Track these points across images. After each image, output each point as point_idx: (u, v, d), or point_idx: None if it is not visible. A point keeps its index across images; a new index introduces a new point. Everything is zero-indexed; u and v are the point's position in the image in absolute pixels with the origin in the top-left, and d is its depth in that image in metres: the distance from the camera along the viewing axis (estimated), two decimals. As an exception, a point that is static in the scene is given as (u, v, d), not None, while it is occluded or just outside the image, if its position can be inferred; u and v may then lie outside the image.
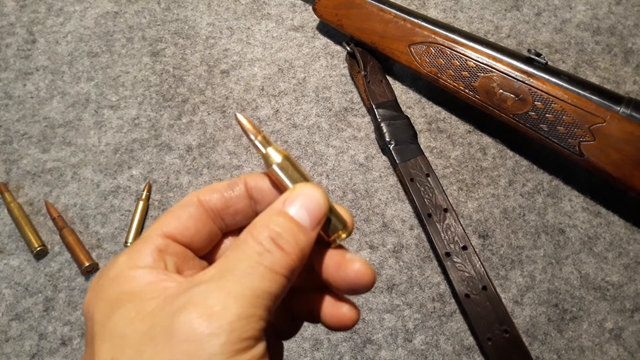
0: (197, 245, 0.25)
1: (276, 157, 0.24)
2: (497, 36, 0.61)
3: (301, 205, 0.23)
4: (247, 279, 0.20)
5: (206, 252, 0.26)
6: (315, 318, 0.26)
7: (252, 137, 0.24)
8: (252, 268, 0.21)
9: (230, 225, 0.26)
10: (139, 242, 0.24)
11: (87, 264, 0.50)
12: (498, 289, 0.49)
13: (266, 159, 0.24)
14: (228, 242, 0.27)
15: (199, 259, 0.25)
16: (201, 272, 0.22)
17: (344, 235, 0.25)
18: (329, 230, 0.24)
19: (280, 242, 0.21)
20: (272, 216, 0.22)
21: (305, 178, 0.24)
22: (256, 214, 0.25)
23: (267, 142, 0.24)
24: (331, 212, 0.24)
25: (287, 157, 0.24)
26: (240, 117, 0.24)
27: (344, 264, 0.24)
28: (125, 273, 0.22)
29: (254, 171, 0.55)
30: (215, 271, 0.21)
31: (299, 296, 0.27)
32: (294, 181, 0.24)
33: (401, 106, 0.56)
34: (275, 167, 0.24)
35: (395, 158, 0.52)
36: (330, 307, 0.26)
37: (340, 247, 0.25)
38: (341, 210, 0.25)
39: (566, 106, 0.47)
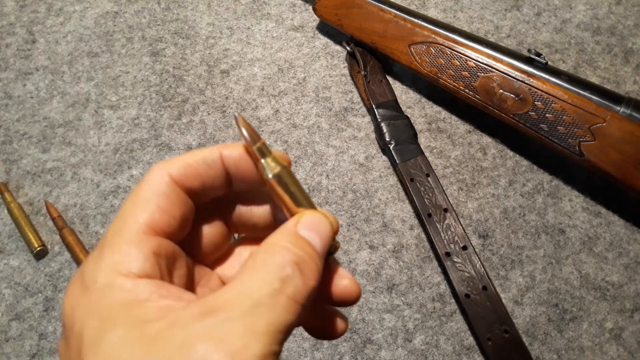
0: (182, 234, 0.22)
1: (274, 168, 0.23)
2: (497, 36, 0.61)
3: (314, 230, 0.22)
4: (269, 312, 0.18)
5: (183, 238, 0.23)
6: (302, 324, 0.25)
7: (250, 141, 0.23)
8: (274, 299, 0.19)
9: (201, 200, 0.23)
10: (122, 242, 0.20)
11: (87, 264, 0.50)
12: (498, 289, 0.49)
13: (263, 168, 0.23)
14: (241, 251, 0.26)
15: (183, 254, 0.23)
16: (215, 294, 0.19)
17: (338, 245, 0.25)
18: None
19: (303, 267, 0.20)
20: (287, 235, 0.21)
21: (302, 192, 0.24)
22: (230, 190, 0.24)
23: (266, 151, 0.23)
24: None
25: (285, 168, 0.23)
26: (239, 120, 0.23)
27: (334, 279, 0.24)
28: (118, 282, 0.19)
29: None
30: (232, 296, 0.19)
31: None
32: (291, 194, 0.23)
33: (401, 106, 0.56)
34: (272, 177, 0.23)
35: (395, 158, 0.52)
36: (319, 317, 0.25)
37: (334, 261, 0.25)
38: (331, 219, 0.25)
39: (566, 106, 0.47)
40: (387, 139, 0.53)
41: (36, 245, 0.51)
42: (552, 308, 0.49)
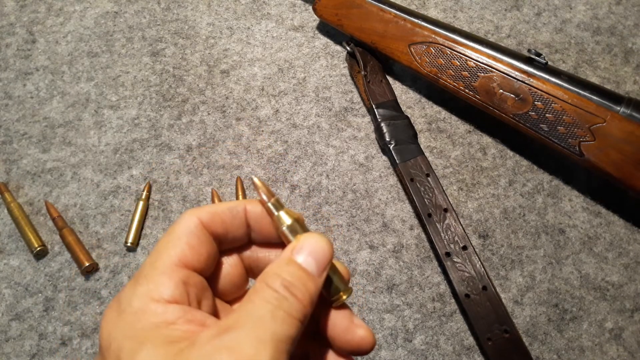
0: (209, 271, 0.26)
1: (287, 220, 0.26)
2: (497, 36, 0.61)
3: (308, 253, 0.24)
4: (271, 324, 0.21)
5: (212, 277, 0.26)
6: None
7: (265, 199, 0.26)
8: (272, 313, 0.22)
9: (222, 248, 0.27)
10: (156, 273, 0.23)
11: (87, 264, 0.50)
12: (498, 289, 0.49)
13: (278, 221, 0.26)
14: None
15: (209, 288, 0.26)
16: (228, 317, 0.22)
17: (344, 297, 0.26)
18: (331, 290, 0.26)
19: (292, 290, 0.23)
20: (283, 265, 0.24)
21: None
22: (250, 241, 0.27)
23: (279, 205, 0.26)
24: (333, 272, 0.26)
25: (297, 220, 0.26)
26: (256, 180, 0.26)
27: (351, 328, 0.26)
28: (151, 307, 0.22)
29: (253, 172, 0.55)
30: (240, 316, 0.22)
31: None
32: None
33: (401, 106, 0.56)
34: (285, 229, 0.25)
35: (395, 158, 0.52)
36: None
37: (347, 308, 0.26)
38: (341, 268, 0.26)
39: (566, 106, 0.47)
40: (387, 139, 0.53)
41: (36, 245, 0.51)
42: (552, 308, 0.49)
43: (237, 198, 0.53)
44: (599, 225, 0.52)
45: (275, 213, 0.26)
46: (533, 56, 0.49)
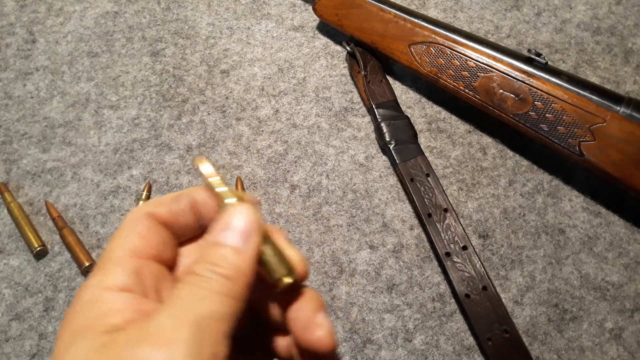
0: (166, 258, 0.25)
1: (230, 198, 0.25)
2: (497, 36, 0.61)
3: (228, 227, 0.24)
4: (191, 304, 0.21)
5: (172, 264, 0.26)
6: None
7: (207, 177, 0.25)
8: (194, 293, 0.21)
9: (180, 238, 0.27)
10: (109, 264, 0.23)
11: (87, 264, 0.50)
12: (498, 289, 0.49)
13: (219, 198, 0.25)
14: None
15: (170, 276, 0.25)
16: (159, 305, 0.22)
17: (286, 280, 0.24)
18: (270, 272, 0.24)
19: (216, 269, 0.22)
20: (206, 249, 0.23)
21: (238, 196, 0.25)
22: (201, 228, 0.27)
23: (223, 183, 0.25)
24: (274, 253, 0.24)
25: (240, 198, 0.25)
26: (197, 159, 0.26)
27: (311, 326, 0.25)
28: (104, 296, 0.22)
29: (253, 171, 0.55)
30: (165, 303, 0.21)
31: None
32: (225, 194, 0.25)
33: (401, 106, 0.56)
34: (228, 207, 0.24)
35: (395, 158, 0.52)
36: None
37: (316, 302, 0.25)
38: (292, 253, 0.25)
39: (566, 106, 0.47)
40: (387, 139, 0.53)
41: (36, 245, 0.51)
42: (552, 308, 0.49)
43: (237, 198, 0.53)
44: (599, 225, 0.52)
45: (218, 190, 0.25)
46: (533, 56, 0.49)
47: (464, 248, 0.48)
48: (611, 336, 0.47)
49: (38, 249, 0.50)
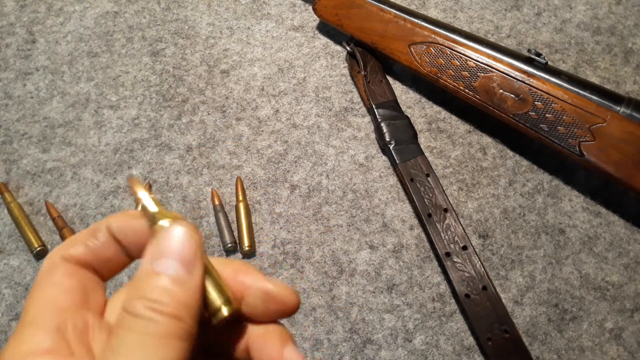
0: (93, 302, 0.22)
1: (163, 220, 0.21)
2: (497, 36, 0.61)
3: (167, 254, 0.20)
4: (138, 354, 0.18)
5: (101, 307, 0.23)
6: None
7: (139, 197, 0.22)
8: (139, 342, 0.18)
9: (105, 275, 0.24)
10: (24, 326, 0.20)
11: (87, 264, 0.50)
12: (498, 289, 0.49)
13: (151, 220, 0.21)
14: None
15: (104, 321, 0.22)
16: None
17: (225, 313, 0.21)
18: (207, 303, 0.21)
19: (158, 307, 0.19)
20: (142, 283, 0.20)
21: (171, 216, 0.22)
22: (130, 258, 0.24)
23: (155, 204, 0.22)
24: (210, 280, 0.21)
25: (175, 218, 0.21)
26: (130, 180, 0.23)
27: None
28: None
29: (253, 171, 0.55)
30: (104, 357, 0.18)
31: None
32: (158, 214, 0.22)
33: (401, 106, 0.56)
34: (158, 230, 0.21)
35: (395, 158, 0.52)
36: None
37: (281, 331, 0.23)
38: (224, 272, 0.22)
39: (566, 106, 0.47)
40: (387, 139, 0.53)
41: (36, 245, 0.51)
42: (552, 308, 0.49)
43: (237, 198, 0.53)
44: (599, 225, 0.52)
45: (149, 212, 0.22)
46: (533, 56, 0.49)
47: (464, 248, 0.48)
48: (611, 336, 0.47)
49: (38, 249, 0.50)
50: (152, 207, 0.22)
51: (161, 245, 0.20)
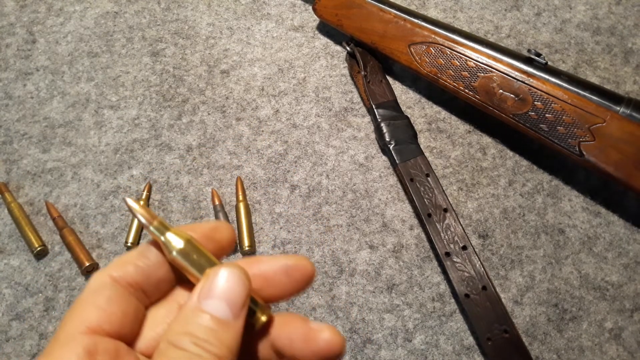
0: (127, 331, 0.22)
1: (177, 243, 0.22)
2: (497, 36, 0.61)
3: (219, 295, 0.20)
4: None
5: (135, 337, 0.23)
6: None
7: (146, 223, 0.22)
8: None
9: (153, 297, 0.23)
10: (58, 346, 0.20)
11: (87, 264, 0.50)
12: (498, 289, 0.49)
13: (165, 246, 0.22)
14: None
15: (133, 352, 0.22)
16: None
17: (263, 318, 0.22)
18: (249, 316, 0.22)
19: (206, 346, 0.19)
20: (190, 317, 0.20)
21: (212, 261, 0.22)
22: (179, 278, 0.24)
23: (164, 228, 0.22)
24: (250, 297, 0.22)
25: (189, 241, 0.22)
26: (130, 202, 0.22)
27: (311, 334, 0.22)
28: None
29: (253, 171, 0.55)
30: None
31: None
32: (201, 268, 0.22)
33: (401, 106, 0.56)
34: (176, 255, 0.21)
35: (395, 158, 0.52)
36: None
37: (296, 316, 0.23)
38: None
39: (566, 106, 0.47)
40: (387, 139, 0.53)
41: (36, 245, 0.51)
42: (551, 308, 0.49)
43: (237, 198, 0.53)
44: (598, 225, 0.52)
45: (162, 238, 0.22)
46: (533, 56, 0.49)
47: (464, 248, 0.48)
48: (611, 336, 0.47)
49: (38, 249, 0.51)
50: (162, 234, 0.22)
51: (213, 285, 0.20)
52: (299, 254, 0.24)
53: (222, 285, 0.20)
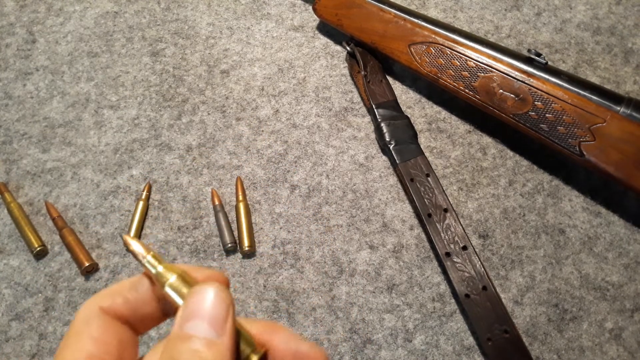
0: (128, 356, 0.22)
1: (169, 277, 0.22)
2: (497, 36, 0.61)
3: (199, 316, 0.20)
4: None
5: None
6: None
7: (141, 255, 0.22)
8: None
9: (140, 330, 0.23)
10: None
11: (87, 264, 0.50)
12: (498, 289, 0.49)
13: (157, 279, 0.22)
14: None
15: None
16: None
17: (255, 358, 0.22)
18: (238, 353, 0.22)
19: None
20: (174, 344, 0.20)
21: None
22: (165, 316, 0.23)
23: (158, 261, 0.22)
24: (238, 333, 0.22)
25: (181, 275, 0.22)
26: (126, 236, 0.22)
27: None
28: None
29: (253, 171, 0.55)
30: None
31: None
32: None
33: (401, 106, 0.56)
34: (167, 288, 0.21)
35: (395, 158, 0.52)
36: None
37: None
38: (246, 325, 0.23)
39: (566, 106, 0.47)
40: (387, 139, 0.53)
41: (36, 245, 0.51)
42: (552, 308, 0.49)
43: (237, 198, 0.53)
44: (599, 225, 0.52)
45: (154, 271, 0.22)
46: (533, 56, 0.49)
47: (464, 248, 0.48)
48: (611, 336, 0.47)
49: (38, 249, 0.50)
50: (155, 267, 0.22)
51: (192, 307, 0.20)
52: (317, 345, 0.23)
53: (201, 305, 0.20)
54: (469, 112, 0.57)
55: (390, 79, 0.58)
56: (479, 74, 0.50)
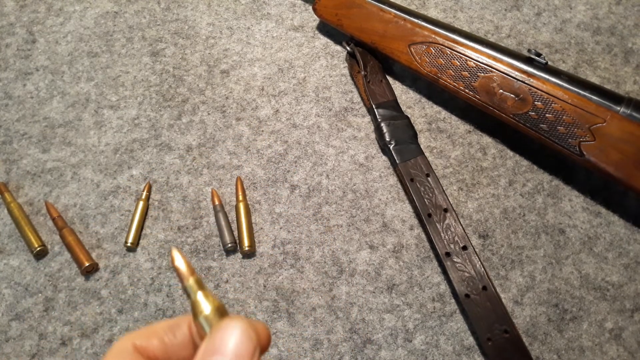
0: None
1: (205, 307, 0.21)
2: (497, 36, 0.61)
3: (220, 353, 0.19)
4: None
5: None
6: None
7: (184, 276, 0.21)
8: None
9: None
10: None
11: (87, 264, 0.50)
12: (498, 289, 0.49)
13: (194, 307, 0.21)
14: None
15: None
16: None
17: None
18: None
19: None
20: None
21: None
22: None
23: (198, 287, 0.21)
24: None
25: (218, 308, 0.21)
26: (175, 252, 0.21)
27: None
28: None
29: (253, 171, 0.55)
30: None
31: None
32: None
33: (401, 106, 0.56)
34: (202, 319, 0.21)
35: (395, 158, 0.52)
36: None
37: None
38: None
39: (566, 106, 0.47)
40: (387, 139, 0.53)
41: (36, 245, 0.51)
42: (552, 308, 0.49)
43: (237, 198, 0.53)
44: (599, 225, 0.52)
45: (192, 297, 0.21)
46: (533, 56, 0.49)
47: (464, 248, 0.48)
48: (611, 336, 0.47)
49: (38, 249, 0.50)
50: (194, 293, 0.21)
51: (216, 341, 0.19)
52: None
53: (226, 341, 0.19)
54: (469, 112, 0.57)
55: (390, 79, 0.58)
56: (479, 74, 0.50)
